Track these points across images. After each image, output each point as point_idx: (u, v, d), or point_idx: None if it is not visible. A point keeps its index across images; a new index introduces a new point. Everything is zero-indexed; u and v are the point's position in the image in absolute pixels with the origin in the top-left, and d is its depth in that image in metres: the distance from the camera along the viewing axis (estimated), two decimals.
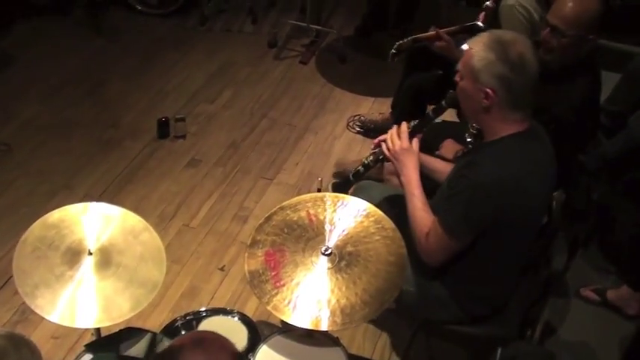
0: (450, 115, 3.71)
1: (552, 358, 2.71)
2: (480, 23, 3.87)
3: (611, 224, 3.54)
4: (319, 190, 4.02)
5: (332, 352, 2.51)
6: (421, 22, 5.42)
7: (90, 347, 2.42)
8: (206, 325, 2.67)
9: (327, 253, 2.46)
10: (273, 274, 2.43)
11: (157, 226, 3.90)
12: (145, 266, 2.42)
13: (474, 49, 2.41)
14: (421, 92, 4.06)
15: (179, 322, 2.72)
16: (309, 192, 4.25)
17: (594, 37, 2.96)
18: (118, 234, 2.48)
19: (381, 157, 2.90)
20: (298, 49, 5.68)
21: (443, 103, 2.74)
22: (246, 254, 2.50)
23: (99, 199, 4.02)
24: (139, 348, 2.36)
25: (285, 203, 2.66)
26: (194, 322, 2.69)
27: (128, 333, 2.40)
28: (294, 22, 5.80)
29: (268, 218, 2.60)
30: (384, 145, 2.80)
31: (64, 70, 5.16)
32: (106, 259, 2.39)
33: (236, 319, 2.73)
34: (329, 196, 2.68)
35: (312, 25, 5.68)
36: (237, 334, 2.65)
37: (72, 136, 4.57)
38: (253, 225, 3.93)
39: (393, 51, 3.84)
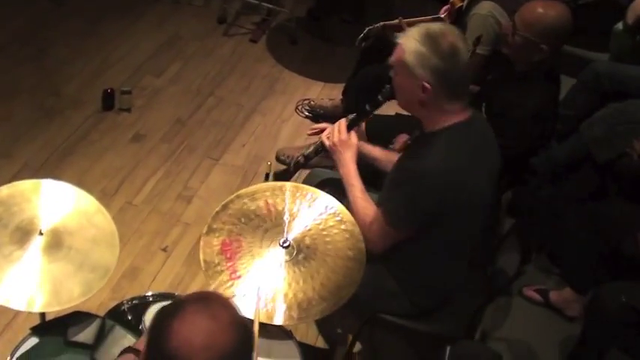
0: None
1: None
2: (442, 17, 3.87)
3: (557, 227, 3.57)
4: (268, 175, 3.98)
5: (284, 345, 2.47)
6: (374, 10, 5.43)
7: (36, 330, 2.32)
8: (154, 311, 2.58)
9: (285, 245, 2.42)
10: (229, 264, 2.38)
11: (99, 201, 3.76)
12: (97, 250, 2.33)
13: (406, 44, 2.41)
14: (375, 83, 4.01)
15: (125, 306, 2.64)
16: (255, 175, 4.21)
17: (547, 47, 2.98)
18: (71, 215, 2.38)
19: (320, 148, 2.93)
20: (248, 27, 5.60)
21: (379, 97, 2.76)
22: (202, 243, 2.44)
23: (39, 169, 3.91)
24: (87, 333, 2.29)
25: (242, 191, 2.61)
26: (140, 307, 2.60)
27: (76, 317, 2.33)
28: None
29: (225, 206, 2.54)
30: (325, 139, 2.84)
31: (5, 32, 4.94)
32: (57, 240, 2.29)
33: None
34: (288, 186, 2.63)
35: (263, 3, 5.58)
36: None
37: (12, 101, 4.38)
38: (198, 205, 3.92)
39: (362, 36, 3.82)
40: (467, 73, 2.43)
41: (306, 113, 4.79)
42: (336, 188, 2.78)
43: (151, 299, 2.69)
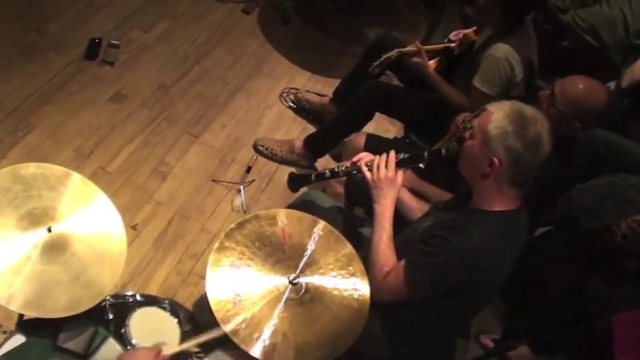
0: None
1: None
2: (452, 46, 3.80)
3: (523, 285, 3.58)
4: (249, 168, 3.87)
5: None
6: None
7: (23, 327, 2.15)
8: (139, 316, 2.44)
9: (294, 282, 2.32)
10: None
11: (72, 162, 3.60)
12: (98, 266, 2.15)
13: (495, 115, 2.33)
14: (376, 100, 3.92)
15: (106, 304, 2.44)
16: (233, 161, 4.07)
17: (580, 126, 2.97)
18: (87, 219, 2.20)
19: (353, 172, 2.75)
20: None
21: (443, 151, 2.57)
22: (210, 260, 2.31)
23: (12, 113, 3.68)
24: (78, 342, 2.13)
25: (261, 213, 2.49)
26: (122, 308, 2.41)
27: (69, 321, 2.15)
28: None
29: (241, 225, 2.41)
30: (364, 167, 2.66)
31: None
32: (63, 241, 2.11)
33: (168, 313, 2.53)
34: (306, 218, 2.52)
35: None
36: (169, 332, 2.46)
37: None
38: (172, 185, 3.77)
39: (378, 63, 3.72)
40: (537, 168, 2.35)
41: (291, 103, 4.64)
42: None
43: (130, 300, 2.53)
